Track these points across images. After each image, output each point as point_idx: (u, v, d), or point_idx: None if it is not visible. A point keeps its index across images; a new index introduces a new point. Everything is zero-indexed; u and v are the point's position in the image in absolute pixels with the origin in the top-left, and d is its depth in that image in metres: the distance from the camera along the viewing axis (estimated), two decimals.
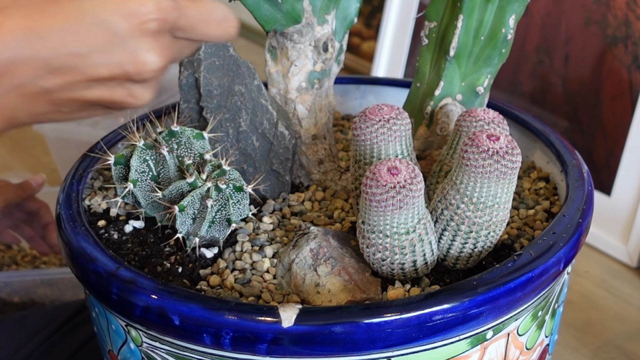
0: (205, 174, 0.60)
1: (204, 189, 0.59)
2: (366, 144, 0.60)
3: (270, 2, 0.64)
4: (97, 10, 0.39)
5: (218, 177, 0.60)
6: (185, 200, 0.59)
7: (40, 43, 0.39)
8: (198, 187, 0.59)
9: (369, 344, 0.49)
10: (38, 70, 0.40)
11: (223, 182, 0.59)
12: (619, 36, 1.15)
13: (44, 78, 0.40)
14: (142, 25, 0.40)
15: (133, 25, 0.40)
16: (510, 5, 0.65)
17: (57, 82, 0.40)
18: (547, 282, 0.56)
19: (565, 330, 1.00)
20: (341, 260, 0.57)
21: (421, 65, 0.71)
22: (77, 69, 0.40)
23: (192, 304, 0.50)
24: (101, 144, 0.71)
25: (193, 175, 0.59)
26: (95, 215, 0.66)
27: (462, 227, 0.57)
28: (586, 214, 0.61)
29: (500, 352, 0.56)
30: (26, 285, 0.96)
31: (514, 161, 0.54)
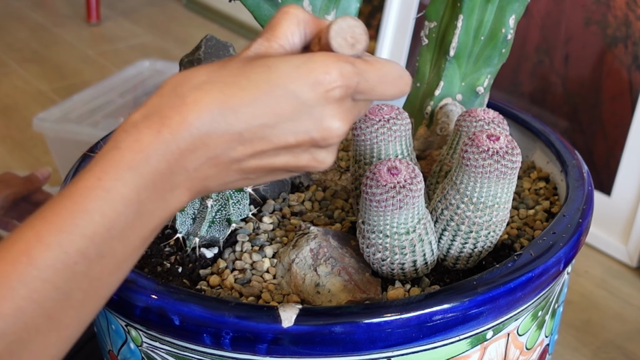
0: None
1: None
2: (366, 144, 0.60)
3: (270, 2, 0.64)
4: (285, 81, 0.41)
5: None
6: None
7: (233, 116, 0.41)
8: None
9: (369, 344, 0.49)
10: (231, 142, 0.41)
11: None
12: (619, 36, 1.15)
13: (236, 149, 0.42)
14: (327, 93, 0.42)
15: (319, 94, 0.41)
16: (510, 5, 0.65)
17: (247, 153, 0.42)
18: (547, 282, 0.56)
19: (565, 330, 1.00)
20: (341, 260, 0.57)
21: (421, 65, 0.71)
22: (266, 139, 0.42)
23: (192, 304, 0.50)
24: (101, 144, 0.71)
25: None
26: None
27: (462, 227, 0.57)
28: (586, 214, 0.61)
29: (500, 352, 0.56)
30: None
31: (514, 161, 0.54)
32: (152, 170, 0.41)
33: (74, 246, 0.39)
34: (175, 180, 0.42)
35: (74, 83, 1.73)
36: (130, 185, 0.40)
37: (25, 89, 1.71)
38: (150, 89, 1.42)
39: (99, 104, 1.36)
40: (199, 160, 0.42)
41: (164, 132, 0.41)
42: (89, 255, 0.39)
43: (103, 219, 0.40)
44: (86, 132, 1.23)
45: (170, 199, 0.42)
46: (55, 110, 1.29)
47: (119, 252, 0.41)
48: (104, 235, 0.40)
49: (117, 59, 1.87)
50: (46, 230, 0.39)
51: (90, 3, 2.08)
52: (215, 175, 0.43)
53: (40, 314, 0.38)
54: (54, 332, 0.39)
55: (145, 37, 2.02)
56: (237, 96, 0.41)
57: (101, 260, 0.40)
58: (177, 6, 2.23)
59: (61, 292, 0.39)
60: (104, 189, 0.40)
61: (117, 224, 0.40)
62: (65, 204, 0.40)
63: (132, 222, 0.41)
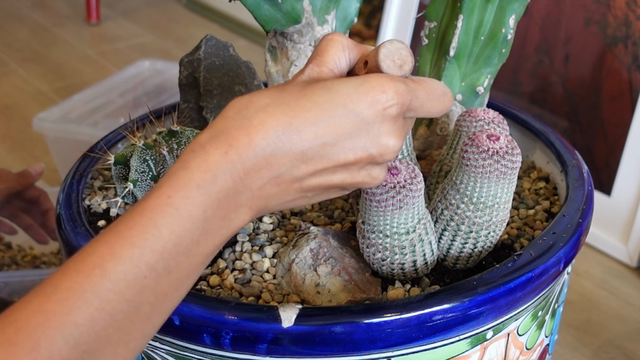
0: None
1: None
2: None
3: (270, 2, 0.64)
4: (345, 101, 0.44)
5: None
6: None
7: (297, 136, 0.43)
8: None
9: (369, 344, 0.49)
10: (294, 162, 0.44)
11: None
12: (619, 36, 1.15)
13: (299, 168, 0.44)
14: (385, 111, 0.44)
15: (377, 112, 0.44)
16: (510, 5, 0.65)
17: (309, 171, 0.45)
18: (547, 282, 0.56)
19: (565, 330, 1.00)
20: (341, 260, 0.57)
21: (421, 65, 0.71)
22: (327, 157, 0.44)
23: (192, 304, 0.50)
24: (101, 144, 0.71)
25: None
26: (95, 215, 0.66)
27: (462, 227, 0.57)
28: (586, 214, 0.61)
29: (500, 352, 0.56)
30: (26, 285, 0.96)
31: (514, 161, 0.54)
32: (219, 189, 0.43)
33: (144, 260, 0.41)
34: (240, 199, 0.44)
35: (74, 83, 1.73)
36: (197, 203, 0.42)
37: (25, 89, 1.71)
38: (150, 89, 1.42)
39: (99, 104, 1.36)
40: (262, 180, 0.44)
41: (231, 153, 0.43)
42: (157, 269, 0.41)
43: (171, 235, 0.42)
44: (86, 132, 1.23)
45: (234, 218, 0.44)
46: (55, 110, 1.29)
47: (184, 268, 0.43)
48: (172, 250, 0.42)
49: (117, 59, 1.87)
50: (119, 245, 0.41)
51: (90, 3, 2.08)
52: (276, 195, 0.45)
53: (111, 325, 0.40)
54: (122, 344, 0.41)
55: (145, 37, 2.02)
56: (301, 117, 0.43)
57: (168, 276, 0.42)
58: (177, 6, 2.23)
59: (131, 305, 0.41)
60: (173, 206, 0.42)
61: (184, 241, 0.42)
62: (136, 219, 0.42)
63: (198, 239, 0.43)
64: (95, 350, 0.40)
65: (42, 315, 0.39)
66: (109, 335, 0.40)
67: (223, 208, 0.43)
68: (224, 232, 0.44)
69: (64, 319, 0.39)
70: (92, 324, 0.39)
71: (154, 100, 1.37)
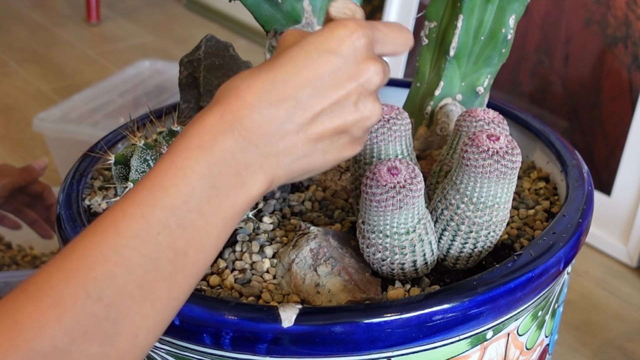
0: None
1: None
2: (366, 144, 0.60)
3: (270, 2, 0.64)
4: (316, 46, 0.46)
5: None
6: None
7: (284, 87, 0.45)
8: None
9: (369, 344, 0.49)
10: (290, 110, 0.46)
11: None
12: (619, 36, 1.15)
13: (297, 115, 0.46)
14: (354, 43, 0.46)
15: (347, 44, 0.46)
16: (510, 5, 0.65)
17: (307, 116, 0.46)
18: (547, 282, 0.56)
19: (565, 330, 1.00)
20: (341, 260, 0.57)
21: (421, 65, 0.71)
22: (319, 97, 0.46)
23: (192, 304, 0.50)
24: (101, 143, 0.71)
25: None
26: (95, 215, 0.66)
27: (462, 227, 0.57)
28: (586, 214, 0.61)
29: (500, 352, 0.56)
30: None
31: (514, 161, 0.54)
32: (221, 148, 0.45)
33: (155, 217, 0.42)
34: (247, 157, 0.45)
35: (74, 83, 1.73)
36: (201, 162, 0.44)
37: (25, 89, 1.71)
38: (150, 89, 1.42)
39: (99, 104, 1.36)
40: (265, 135, 0.45)
41: (226, 115, 0.45)
42: (170, 226, 0.43)
43: (179, 193, 0.43)
44: (86, 132, 1.23)
45: (246, 177, 0.46)
46: (55, 110, 1.29)
47: (200, 227, 0.44)
48: (182, 207, 0.43)
49: (117, 59, 1.87)
50: (129, 205, 0.43)
51: (90, 3, 2.08)
52: (286, 150, 0.46)
53: (132, 280, 0.41)
54: (148, 303, 0.42)
55: (145, 37, 2.02)
56: (281, 71, 0.46)
57: (184, 232, 0.43)
58: (177, 6, 2.23)
59: (149, 261, 0.42)
60: (177, 167, 0.44)
61: (193, 198, 0.43)
62: (144, 184, 0.44)
63: (209, 198, 0.44)
64: (120, 306, 0.40)
65: (62, 273, 0.40)
66: (131, 291, 0.41)
67: (231, 166, 0.45)
68: (239, 192, 0.45)
69: (84, 275, 0.40)
70: (112, 278, 0.40)
71: (154, 100, 1.37)
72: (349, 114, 0.47)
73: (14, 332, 0.38)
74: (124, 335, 0.41)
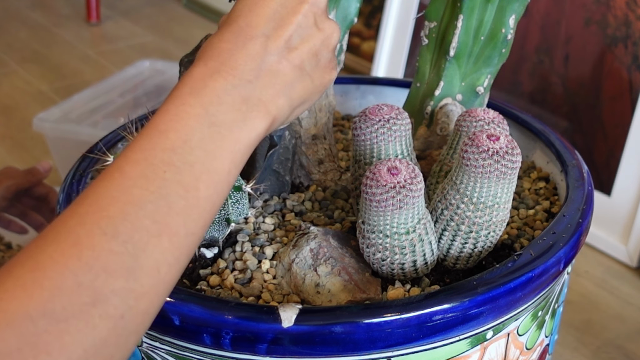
0: None
1: None
2: (366, 144, 0.60)
3: None
4: None
5: None
6: None
7: (249, 28, 0.49)
8: None
9: (369, 344, 0.49)
10: (263, 43, 0.48)
11: None
12: (619, 36, 1.15)
13: (274, 39, 0.49)
14: None
15: None
16: (510, 5, 0.65)
17: (283, 37, 0.49)
18: (547, 282, 0.56)
19: (565, 330, 1.00)
20: (341, 260, 0.57)
21: (421, 65, 0.71)
22: (282, 25, 0.49)
23: (192, 304, 0.50)
24: (100, 144, 0.71)
25: None
26: None
27: (462, 227, 0.57)
28: (586, 214, 0.61)
29: (500, 352, 0.56)
30: None
31: (514, 161, 0.54)
32: (212, 88, 0.46)
33: (158, 158, 0.43)
34: (242, 93, 0.47)
35: (74, 83, 1.73)
36: (194, 104, 0.46)
37: (25, 89, 1.71)
38: (150, 89, 1.42)
39: (99, 104, 1.36)
40: (253, 70, 0.48)
41: (209, 63, 0.47)
42: (175, 163, 0.44)
43: (177, 134, 0.44)
44: (86, 132, 1.23)
45: (247, 112, 0.47)
46: (55, 110, 1.29)
47: (207, 163, 0.45)
48: (183, 146, 0.44)
49: (117, 59, 1.87)
50: (131, 152, 0.44)
51: (90, 3, 2.08)
52: (277, 80, 0.49)
53: (144, 215, 0.42)
54: (165, 237, 0.42)
55: (145, 37, 2.02)
56: (242, 17, 0.49)
57: (191, 169, 0.44)
58: (177, 6, 2.23)
59: (158, 197, 0.43)
60: (172, 113, 0.45)
61: (194, 136, 0.45)
62: (142, 133, 0.45)
63: (210, 134, 0.45)
64: (137, 241, 0.41)
65: (76, 216, 0.41)
66: (146, 226, 0.42)
67: (227, 103, 0.46)
68: (242, 126, 0.47)
69: (97, 215, 0.41)
70: (125, 215, 0.41)
71: (154, 100, 1.37)
72: (314, 34, 0.51)
73: (37, 272, 0.39)
74: (146, 269, 0.41)
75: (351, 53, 1.67)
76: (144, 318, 0.42)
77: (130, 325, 0.40)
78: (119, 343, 0.40)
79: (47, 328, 0.37)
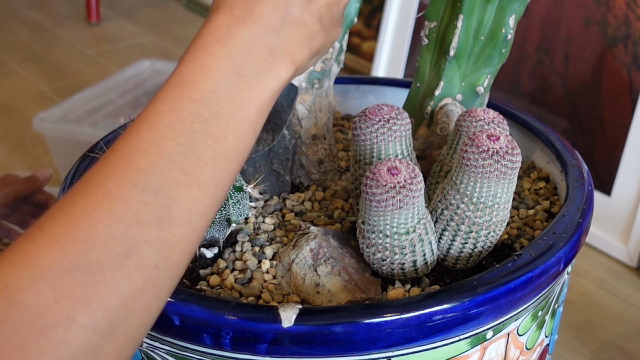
0: None
1: None
2: (366, 144, 0.60)
3: None
4: None
5: None
6: None
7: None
8: None
9: (369, 344, 0.49)
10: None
11: None
12: (619, 36, 1.15)
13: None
14: None
15: None
16: (510, 5, 0.65)
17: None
18: (547, 282, 0.56)
19: (565, 330, 1.00)
20: (341, 260, 0.57)
21: (421, 65, 0.71)
22: None
23: (192, 304, 0.50)
24: (101, 144, 0.71)
25: None
26: None
27: (462, 227, 0.57)
28: (586, 214, 0.61)
29: (500, 352, 0.57)
30: None
31: (514, 161, 0.54)
32: (239, 38, 0.46)
33: (185, 109, 0.44)
34: (268, 42, 0.47)
35: (74, 83, 1.73)
36: (221, 54, 0.46)
37: (25, 89, 1.71)
38: (150, 89, 1.42)
39: (99, 104, 1.36)
40: (278, 20, 0.48)
41: (235, 11, 0.47)
42: (202, 114, 0.44)
43: (205, 84, 0.45)
44: (86, 132, 1.23)
45: (273, 62, 0.47)
46: (55, 110, 1.29)
47: (234, 112, 0.45)
48: (210, 97, 0.44)
49: (117, 59, 1.87)
50: (159, 102, 0.44)
51: (90, 3, 2.08)
52: (300, 30, 0.49)
53: (174, 167, 0.42)
54: (195, 187, 0.43)
55: (145, 37, 2.02)
56: None
57: (218, 119, 0.44)
58: (177, 6, 2.23)
59: (187, 148, 0.43)
60: (198, 64, 0.45)
61: (220, 87, 0.45)
62: (169, 83, 0.45)
63: (237, 84, 0.46)
64: (168, 192, 0.41)
65: (106, 170, 0.41)
66: (176, 177, 0.42)
67: (253, 53, 0.46)
68: (268, 76, 0.47)
69: (126, 167, 0.41)
70: (154, 167, 0.41)
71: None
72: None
73: (70, 226, 0.39)
74: (177, 219, 0.42)
75: (351, 53, 1.67)
76: (177, 267, 0.42)
77: (165, 275, 0.41)
78: (154, 292, 0.40)
79: (84, 280, 0.38)
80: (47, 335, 0.36)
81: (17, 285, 0.37)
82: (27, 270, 0.37)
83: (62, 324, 0.36)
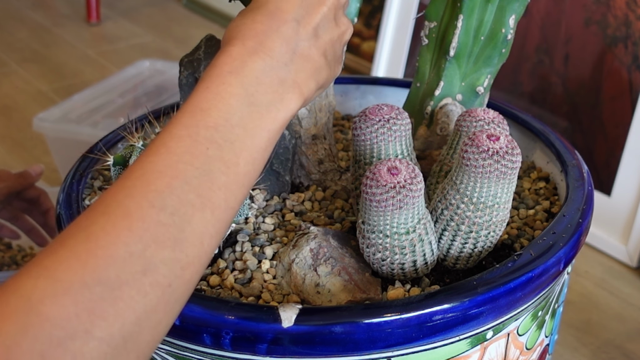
0: None
1: None
2: (366, 144, 0.60)
3: None
4: None
5: None
6: None
7: (280, 13, 0.51)
8: None
9: (369, 344, 0.49)
10: (295, 28, 0.51)
11: None
12: (619, 36, 1.15)
13: (302, 32, 0.51)
14: None
15: None
16: (510, 5, 0.65)
17: (309, 31, 0.52)
18: (547, 282, 0.56)
19: (565, 330, 1.00)
20: (341, 260, 0.57)
21: (421, 65, 0.71)
22: (310, 13, 0.52)
23: (192, 304, 0.50)
24: (100, 144, 0.71)
25: None
26: None
27: (462, 227, 0.57)
28: (586, 214, 0.61)
29: (500, 352, 0.56)
30: None
31: (514, 161, 0.54)
32: (252, 69, 0.49)
33: (200, 135, 0.46)
34: (279, 74, 0.50)
35: (74, 83, 1.73)
36: (235, 84, 0.48)
37: (25, 89, 1.71)
38: (150, 89, 1.42)
39: (99, 104, 1.36)
40: (288, 53, 0.50)
41: (247, 43, 0.49)
42: (217, 141, 0.46)
43: (219, 112, 0.47)
44: (86, 132, 1.23)
45: (284, 93, 0.50)
46: (55, 110, 1.29)
47: (247, 140, 0.47)
48: (224, 124, 0.46)
49: (117, 59, 1.87)
50: (175, 128, 0.46)
51: (90, 3, 2.08)
52: (308, 64, 0.51)
53: (189, 190, 0.44)
54: (208, 210, 0.44)
55: (145, 37, 2.02)
56: (272, 2, 0.51)
57: (232, 146, 0.46)
58: (177, 6, 2.23)
59: (202, 172, 0.45)
60: (213, 92, 0.47)
61: (234, 116, 0.47)
62: (184, 110, 0.47)
63: (250, 113, 0.48)
64: (184, 214, 0.43)
65: (125, 190, 0.43)
66: (191, 200, 0.43)
67: (265, 84, 0.49)
68: (279, 106, 0.49)
69: (145, 189, 0.43)
70: (171, 189, 0.43)
71: (154, 100, 1.37)
72: (333, 27, 0.53)
73: (90, 243, 0.40)
74: (191, 240, 0.43)
75: (351, 53, 1.67)
76: (188, 287, 0.43)
77: (177, 293, 0.42)
78: (166, 310, 0.42)
79: (103, 295, 0.39)
80: (65, 348, 0.37)
81: (40, 298, 0.37)
82: (50, 284, 0.38)
83: (80, 337, 0.37)
